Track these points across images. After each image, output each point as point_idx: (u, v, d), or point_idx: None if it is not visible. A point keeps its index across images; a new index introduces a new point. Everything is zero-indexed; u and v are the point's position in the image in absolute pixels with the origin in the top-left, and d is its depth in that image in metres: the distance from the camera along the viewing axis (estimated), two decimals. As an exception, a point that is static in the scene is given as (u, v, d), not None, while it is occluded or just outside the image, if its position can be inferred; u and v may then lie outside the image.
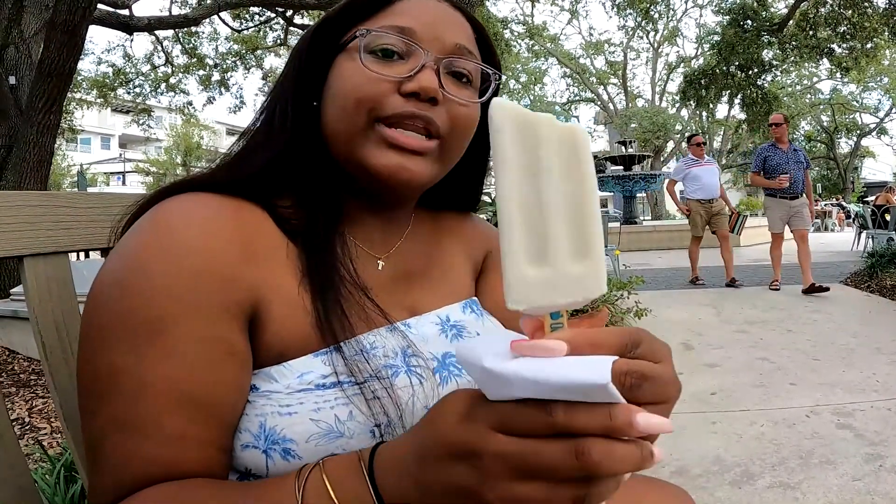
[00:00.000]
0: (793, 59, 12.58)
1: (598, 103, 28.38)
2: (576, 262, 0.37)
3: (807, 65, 16.49)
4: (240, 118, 16.01)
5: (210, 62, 14.38)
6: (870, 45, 11.50)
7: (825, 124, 31.02)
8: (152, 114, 17.30)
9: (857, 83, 24.58)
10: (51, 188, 10.58)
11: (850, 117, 30.80)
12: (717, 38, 14.08)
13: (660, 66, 27.76)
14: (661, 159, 25.73)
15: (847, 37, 11.45)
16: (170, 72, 14.29)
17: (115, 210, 0.67)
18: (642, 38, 25.92)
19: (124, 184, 35.08)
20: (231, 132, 36.03)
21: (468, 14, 0.64)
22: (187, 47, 13.77)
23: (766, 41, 12.49)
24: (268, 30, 13.63)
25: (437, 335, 0.63)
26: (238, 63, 14.50)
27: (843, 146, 32.29)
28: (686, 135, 25.93)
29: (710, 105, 14.89)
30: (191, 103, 17.29)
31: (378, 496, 0.42)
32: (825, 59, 12.63)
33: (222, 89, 14.78)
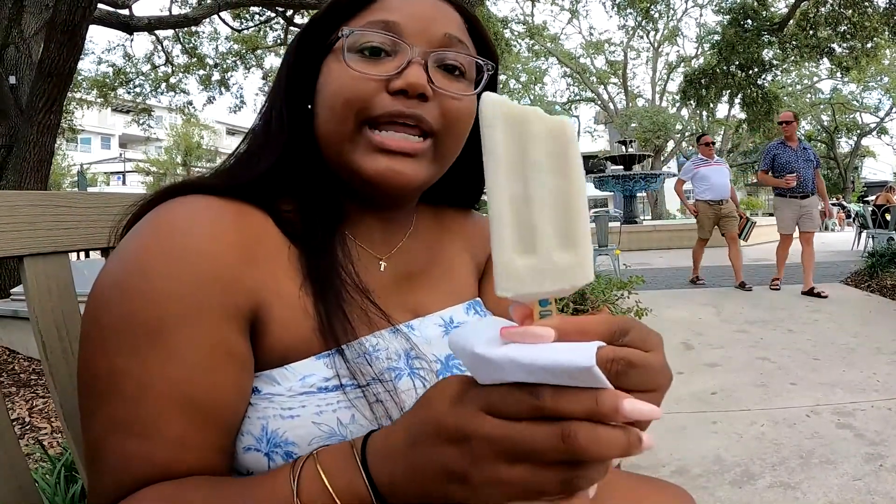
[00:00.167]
0: (793, 58, 12.56)
1: (599, 103, 28.35)
2: (563, 251, 0.38)
3: (807, 64, 16.46)
4: (240, 118, 16.12)
5: (210, 62, 14.39)
6: (870, 45, 11.49)
7: (825, 124, 30.99)
8: (152, 113, 17.30)
9: (858, 83, 24.54)
10: (51, 188, 10.58)
11: (851, 117, 30.77)
12: (717, 37, 14.06)
13: (660, 65, 27.76)
14: (662, 159, 25.71)
15: (847, 36, 11.44)
16: (170, 71, 14.29)
17: (115, 210, 0.67)
18: (642, 37, 25.93)
19: (124, 184, 35.07)
20: (231, 132, 36.08)
21: (456, 4, 0.62)
22: (187, 47, 13.77)
23: (766, 41, 12.47)
24: (268, 29, 13.64)
25: (440, 337, 0.62)
26: (238, 63, 14.52)
27: (844, 146, 32.28)
28: (687, 134, 26.06)
29: (711, 105, 14.87)
30: (191, 103, 17.39)
31: (371, 483, 0.42)
32: (825, 59, 12.61)
33: (222, 89, 14.79)
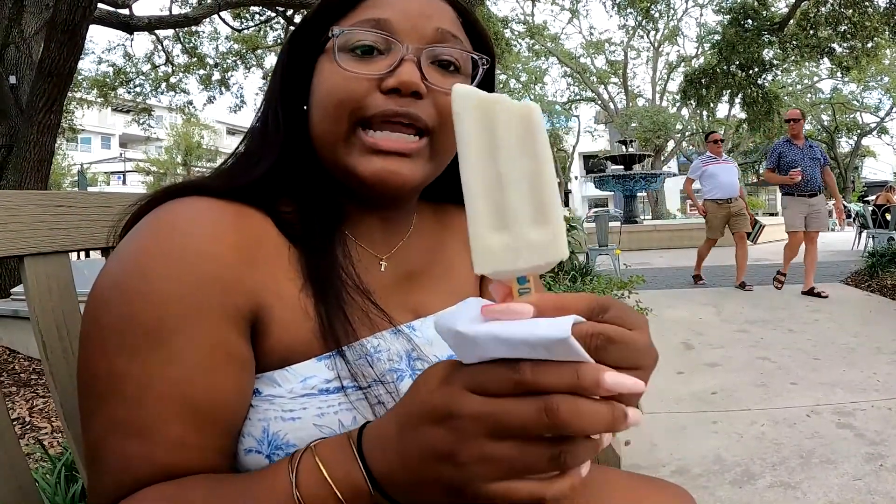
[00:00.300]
0: (793, 58, 12.55)
1: (599, 103, 28.32)
2: (535, 228, 0.39)
3: (807, 64, 16.45)
4: (240, 117, 16.05)
5: (210, 61, 14.38)
6: (870, 45, 11.47)
7: (826, 124, 30.98)
8: (153, 113, 17.30)
9: (858, 82, 24.49)
10: (51, 188, 10.58)
11: (851, 117, 30.74)
12: (717, 37, 14.04)
13: (660, 65, 27.72)
14: (662, 158, 25.71)
15: (848, 36, 11.42)
16: (170, 71, 14.29)
17: (115, 210, 0.67)
18: (643, 37, 25.89)
19: (125, 183, 35.06)
20: (231, 131, 36.03)
21: None
22: (188, 47, 13.77)
23: (766, 40, 12.46)
24: (268, 29, 13.63)
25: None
26: (238, 62, 14.51)
27: (844, 146, 32.24)
28: (687, 134, 26.04)
29: (711, 104, 14.85)
30: (191, 103, 17.37)
31: (368, 471, 0.42)
32: (826, 59, 12.60)
33: (223, 89, 14.79)
